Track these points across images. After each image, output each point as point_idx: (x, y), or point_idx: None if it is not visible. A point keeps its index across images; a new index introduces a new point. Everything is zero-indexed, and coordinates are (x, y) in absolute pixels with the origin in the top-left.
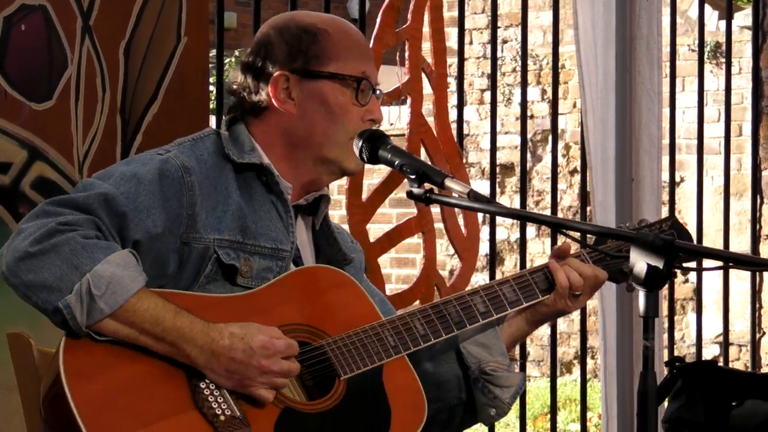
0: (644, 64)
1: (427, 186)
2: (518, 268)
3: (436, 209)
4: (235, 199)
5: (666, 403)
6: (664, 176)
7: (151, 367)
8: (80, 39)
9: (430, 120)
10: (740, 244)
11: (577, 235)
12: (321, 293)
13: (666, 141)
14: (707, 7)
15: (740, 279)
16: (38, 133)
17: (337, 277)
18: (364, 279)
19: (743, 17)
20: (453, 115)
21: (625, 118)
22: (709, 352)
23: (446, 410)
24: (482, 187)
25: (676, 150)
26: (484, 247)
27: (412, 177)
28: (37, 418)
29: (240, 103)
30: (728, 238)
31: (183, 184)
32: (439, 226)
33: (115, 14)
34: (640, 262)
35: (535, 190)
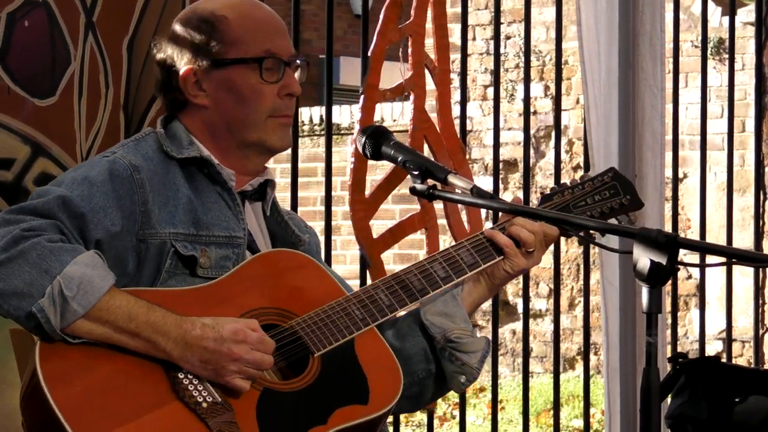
0: (647, 60)
1: (430, 182)
2: None
3: (439, 205)
4: (184, 192)
5: (669, 400)
6: (667, 172)
7: (128, 364)
8: (83, 35)
9: (433, 116)
10: (743, 240)
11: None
12: (284, 276)
13: (669, 137)
14: (710, 3)
15: (743, 275)
16: (41, 129)
17: (297, 259)
18: (321, 261)
19: (746, 13)
20: (456, 111)
21: (628, 115)
22: (712, 348)
23: (416, 384)
24: (485, 183)
25: (679, 146)
26: None
27: (415, 173)
28: None
29: (163, 99)
30: (731, 234)
31: (133, 182)
32: (442, 222)
33: (118, 10)
34: (643, 258)
35: (539, 186)
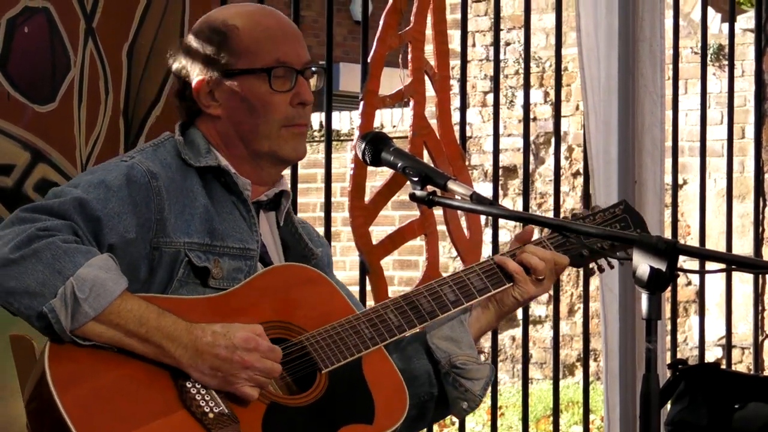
0: (647, 67)
1: (430, 188)
2: None
3: (438, 211)
4: (201, 201)
5: (668, 406)
6: (667, 179)
7: (136, 370)
8: (83, 41)
9: (433, 122)
10: (743, 247)
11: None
12: (294, 290)
13: (669, 143)
14: (710, 10)
15: (743, 281)
16: (41, 136)
17: (308, 274)
18: (332, 274)
19: (746, 20)
20: (456, 117)
21: (628, 121)
22: (712, 354)
23: (418, 405)
24: (485, 190)
25: (679, 152)
26: (487, 250)
27: (415, 179)
28: None
29: (180, 107)
30: (731, 241)
31: (150, 189)
32: (442, 228)
33: (118, 16)
34: (643, 265)
35: (538, 193)
